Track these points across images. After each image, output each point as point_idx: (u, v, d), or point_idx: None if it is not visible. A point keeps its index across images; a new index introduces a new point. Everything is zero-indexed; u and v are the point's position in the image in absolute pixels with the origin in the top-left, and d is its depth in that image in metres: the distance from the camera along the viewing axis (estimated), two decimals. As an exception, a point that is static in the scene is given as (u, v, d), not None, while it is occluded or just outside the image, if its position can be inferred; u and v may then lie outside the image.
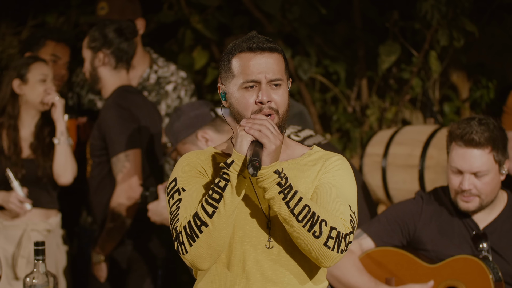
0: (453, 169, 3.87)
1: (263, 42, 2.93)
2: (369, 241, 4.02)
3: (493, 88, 5.88)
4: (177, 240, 2.86)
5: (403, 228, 4.00)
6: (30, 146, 4.80)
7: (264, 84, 2.91)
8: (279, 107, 2.93)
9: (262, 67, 2.91)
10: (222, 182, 2.81)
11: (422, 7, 5.40)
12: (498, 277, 3.77)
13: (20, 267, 4.69)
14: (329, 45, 6.13)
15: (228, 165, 2.81)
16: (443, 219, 3.97)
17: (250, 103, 2.92)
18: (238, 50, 2.93)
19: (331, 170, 2.97)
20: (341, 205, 2.90)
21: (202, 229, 2.81)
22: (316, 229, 2.81)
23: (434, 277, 3.87)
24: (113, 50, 4.75)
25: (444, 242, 3.92)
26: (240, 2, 6.06)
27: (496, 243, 3.89)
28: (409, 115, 6.07)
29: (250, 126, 2.80)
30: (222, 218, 2.81)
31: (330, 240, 2.82)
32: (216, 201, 2.81)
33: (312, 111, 6.13)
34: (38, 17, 6.40)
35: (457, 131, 3.84)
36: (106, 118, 4.69)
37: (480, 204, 3.88)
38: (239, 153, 2.80)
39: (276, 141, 2.80)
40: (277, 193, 2.80)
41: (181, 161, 3.00)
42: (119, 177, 4.64)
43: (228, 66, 2.95)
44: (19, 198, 4.66)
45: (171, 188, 2.96)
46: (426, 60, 5.76)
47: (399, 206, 4.08)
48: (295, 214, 2.80)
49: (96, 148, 4.75)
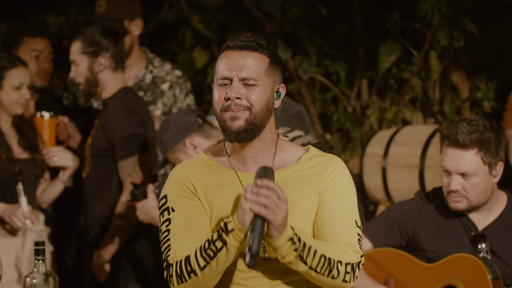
0: (443, 169, 3.88)
1: (244, 40, 2.93)
2: (367, 242, 4.02)
3: (493, 88, 5.88)
4: (167, 271, 2.87)
5: (402, 229, 4.00)
6: (18, 144, 4.78)
7: (235, 81, 2.89)
8: (253, 104, 2.89)
9: (235, 64, 2.90)
10: (219, 243, 2.78)
11: (422, 7, 5.40)
12: (496, 275, 3.77)
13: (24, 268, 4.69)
14: (329, 45, 6.14)
15: (228, 231, 2.77)
16: (442, 220, 3.97)
17: (220, 98, 2.91)
18: (223, 49, 2.95)
19: (332, 183, 2.96)
20: (349, 227, 2.92)
21: (191, 276, 2.82)
22: (334, 272, 2.83)
23: (432, 276, 3.87)
24: (112, 53, 4.74)
25: (443, 243, 3.92)
26: (240, 2, 6.06)
27: (494, 245, 3.89)
28: (409, 115, 6.07)
29: (255, 199, 2.73)
30: (212, 272, 2.82)
31: (347, 275, 2.86)
32: (210, 257, 2.80)
33: (312, 111, 6.13)
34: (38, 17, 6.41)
35: (445, 131, 3.85)
36: (115, 121, 4.68)
37: (469, 205, 3.88)
38: (240, 225, 2.76)
39: (283, 212, 2.74)
40: (295, 257, 2.80)
41: (172, 176, 2.99)
42: (128, 181, 4.65)
43: (216, 65, 2.97)
44: (24, 214, 4.65)
45: (161, 205, 2.96)
46: (426, 60, 5.76)
47: (398, 206, 4.08)
48: (313, 268, 2.82)
49: (98, 149, 4.74)
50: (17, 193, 4.66)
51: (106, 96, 4.78)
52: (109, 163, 4.73)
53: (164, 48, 6.35)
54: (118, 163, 4.68)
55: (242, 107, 2.89)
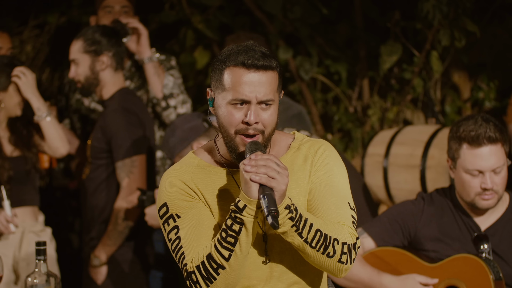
0: (472, 172, 3.83)
1: (258, 58, 2.82)
2: (369, 241, 4.02)
3: (495, 88, 5.87)
4: (190, 279, 2.81)
5: (404, 228, 4.00)
6: (9, 141, 4.77)
7: (253, 105, 2.82)
8: (266, 127, 2.85)
9: (253, 86, 2.81)
10: (236, 225, 2.74)
11: (423, 7, 5.39)
12: (499, 276, 3.77)
13: (22, 269, 4.68)
14: (330, 45, 6.13)
15: (240, 209, 2.74)
16: (444, 220, 3.97)
17: (236, 120, 2.84)
18: (233, 63, 2.83)
19: (320, 167, 2.93)
20: (342, 208, 2.89)
21: (219, 272, 2.78)
22: (330, 250, 2.80)
23: (435, 276, 3.87)
24: (114, 53, 4.74)
25: (445, 243, 3.92)
26: (242, 2, 6.06)
27: (497, 245, 3.89)
28: (411, 115, 6.06)
29: (255, 171, 2.71)
30: (239, 259, 2.78)
31: (343, 256, 2.83)
32: (232, 244, 2.76)
33: (313, 111, 6.13)
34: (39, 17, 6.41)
35: (470, 133, 3.80)
36: (113, 123, 4.68)
37: (497, 201, 3.88)
38: (249, 198, 2.73)
39: (285, 179, 2.72)
40: (290, 227, 2.76)
41: (166, 183, 2.92)
42: (125, 182, 4.65)
43: (219, 76, 2.86)
44: (7, 218, 4.63)
45: (163, 213, 2.90)
46: (427, 60, 5.76)
47: (400, 206, 4.09)
48: (308, 242, 2.79)
49: (98, 151, 4.74)
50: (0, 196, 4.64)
51: (105, 97, 4.77)
52: (108, 165, 4.73)
53: (165, 48, 6.35)
54: (115, 164, 4.68)
55: (258, 131, 2.84)
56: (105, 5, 5.21)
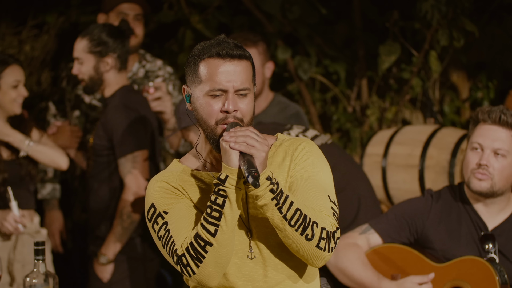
0: (474, 145, 3.86)
1: (232, 48, 2.88)
2: (376, 237, 4.03)
3: (493, 88, 5.88)
4: (180, 263, 2.83)
5: (411, 225, 4.00)
6: (6, 146, 4.74)
7: (231, 94, 2.87)
8: (244, 116, 2.89)
9: (230, 75, 2.87)
10: (219, 199, 2.78)
11: (422, 7, 5.39)
12: (504, 279, 3.78)
13: (17, 271, 4.68)
14: (329, 45, 6.13)
15: (222, 181, 2.77)
16: (452, 218, 3.96)
17: (215, 111, 2.88)
18: (207, 55, 2.88)
19: (299, 162, 2.95)
20: (321, 199, 2.90)
21: (207, 249, 2.79)
22: (308, 232, 2.80)
23: (440, 276, 3.87)
24: (119, 54, 4.74)
25: (452, 242, 3.92)
26: (240, 2, 6.06)
27: (504, 246, 3.89)
28: (409, 115, 6.07)
29: (234, 140, 2.76)
30: (225, 234, 2.79)
31: (321, 241, 2.83)
32: (217, 219, 2.78)
33: (312, 111, 6.13)
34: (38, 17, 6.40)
35: (486, 112, 3.86)
36: (114, 119, 4.69)
37: (491, 188, 3.87)
38: (231, 167, 2.77)
39: (264, 147, 2.77)
40: (270, 199, 2.78)
41: (151, 187, 2.95)
42: (128, 178, 4.65)
43: (195, 70, 2.90)
44: (15, 219, 4.62)
45: (151, 214, 2.92)
46: (426, 60, 5.76)
47: (408, 203, 4.08)
48: (287, 219, 2.79)
49: (100, 148, 4.74)
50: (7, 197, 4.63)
51: (107, 95, 4.79)
52: (110, 162, 4.73)
53: (164, 48, 6.35)
54: (117, 160, 4.69)
55: (238, 120, 2.88)
56: (120, 10, 5.20)
